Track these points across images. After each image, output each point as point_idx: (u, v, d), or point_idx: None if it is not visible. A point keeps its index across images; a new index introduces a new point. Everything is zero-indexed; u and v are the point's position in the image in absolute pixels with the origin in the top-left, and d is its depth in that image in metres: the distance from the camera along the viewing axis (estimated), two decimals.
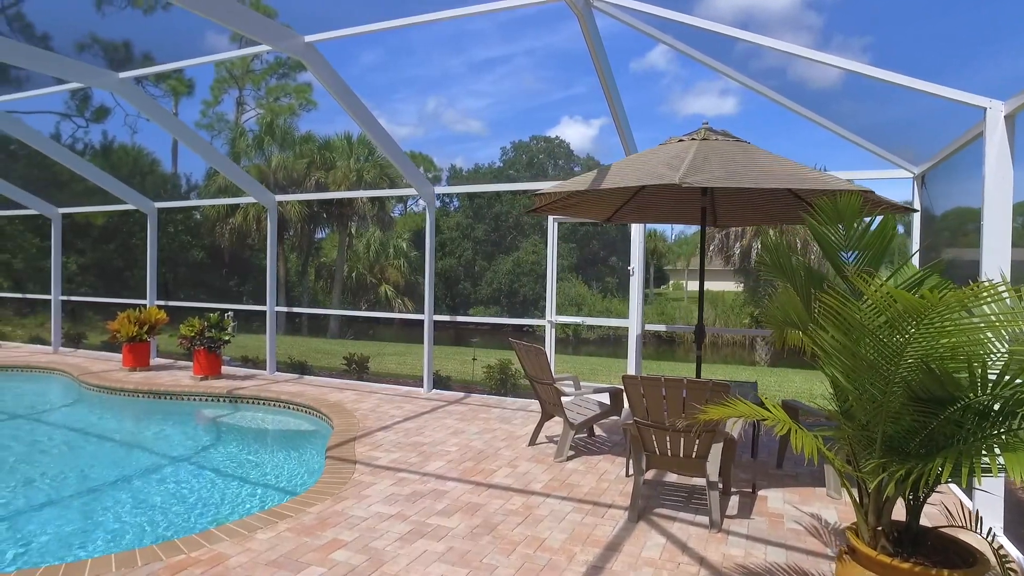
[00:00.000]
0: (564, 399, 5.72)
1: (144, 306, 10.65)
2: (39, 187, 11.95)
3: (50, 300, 11.94)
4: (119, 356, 11.05)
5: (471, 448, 5.78)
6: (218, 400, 8.16)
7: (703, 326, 5.60)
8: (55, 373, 9.96)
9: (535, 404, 7.75)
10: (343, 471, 5.05)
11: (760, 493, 4.78)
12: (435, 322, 8.52)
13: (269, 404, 7.92)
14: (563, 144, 50.73)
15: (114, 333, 9.48)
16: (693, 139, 4.89)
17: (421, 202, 8.24)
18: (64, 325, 12.53)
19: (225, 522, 4.58)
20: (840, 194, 2.83)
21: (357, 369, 9.63)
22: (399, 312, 27.77)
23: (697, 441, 4.14)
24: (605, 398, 6.11)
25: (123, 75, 7.56)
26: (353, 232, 28.38)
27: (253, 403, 8.01)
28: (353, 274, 28.88)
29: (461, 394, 8.33)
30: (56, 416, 8.07)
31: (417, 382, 9.18)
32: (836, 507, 4.50)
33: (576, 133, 64.13)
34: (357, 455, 5.49)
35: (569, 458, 5.56)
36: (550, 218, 7.75)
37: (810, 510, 4.44)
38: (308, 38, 6.30)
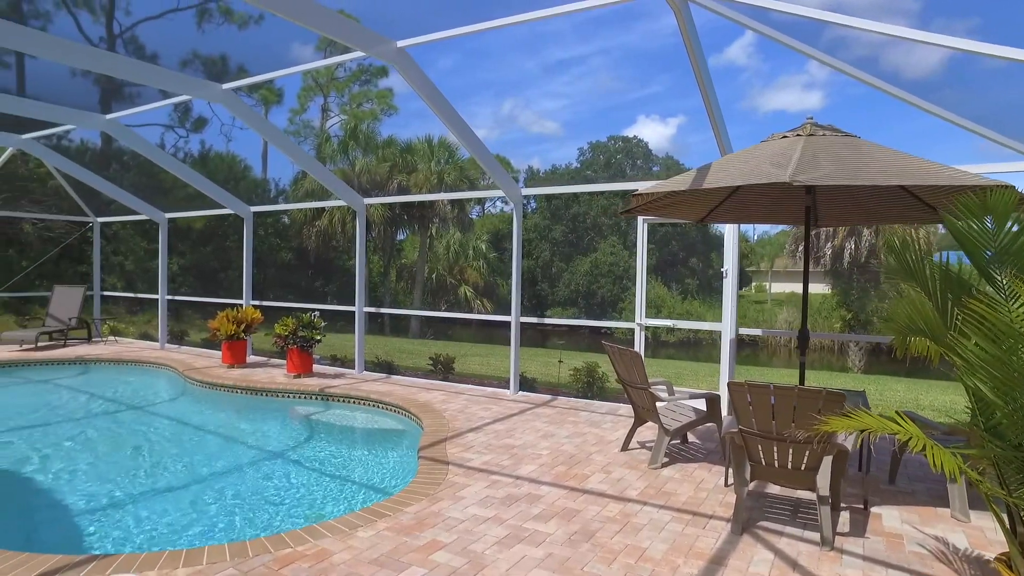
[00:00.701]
0: (658, 404, 5.57)
1: (240, 306, 11.15)
2: (146, 194, 12.72)
3: (157, 299, 12.69)
4: (218, 353, 11.62)
5: (562, 452, 5.71)
6: (311, 398, 8.42)
7: (807, 331, 5.31)
8: (163, 368, 10.56)
9: (624, 408, 7.61)
10: (437, 472, 5.08)
11: (872, 510, 4.49)
12: (520, 324, 8.49)
13: (359, 403, 8.11)
14: (641, 144, 49.92)
15: (214, 331, 9.97)
16: (798, 135, 4.65)
17: (499, 203, 8.22)
18: (168, 323, 13.28)
19: (322, 517, 4.70)
20: (991, 190, 2.59)
21: (443, 369, 9.73)
22: (478, 313, 28.01)
23: (808, 453, 3.91)
24: (700, 404, 5.91)
25: (226, 86, 7.92)
26: (433, 234, 28.84)
27: (344, 401, 8.22)
28: (433, 275, 29.36)
29: (548, 396, 8.27)
30: (165, 409, 8.53)
31: (502, 383, 9.20)
32: (964, 531, 4.16)
33: (653, 132, 63.04)
34: (449, 456, 5.52)
35: (664, 465, 5.40)
36: (639, 219, 7.59)
37: (933, 532, 4.12)
38: (400, 43, 6.40)
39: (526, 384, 8.85)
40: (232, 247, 26.09)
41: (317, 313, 9.68)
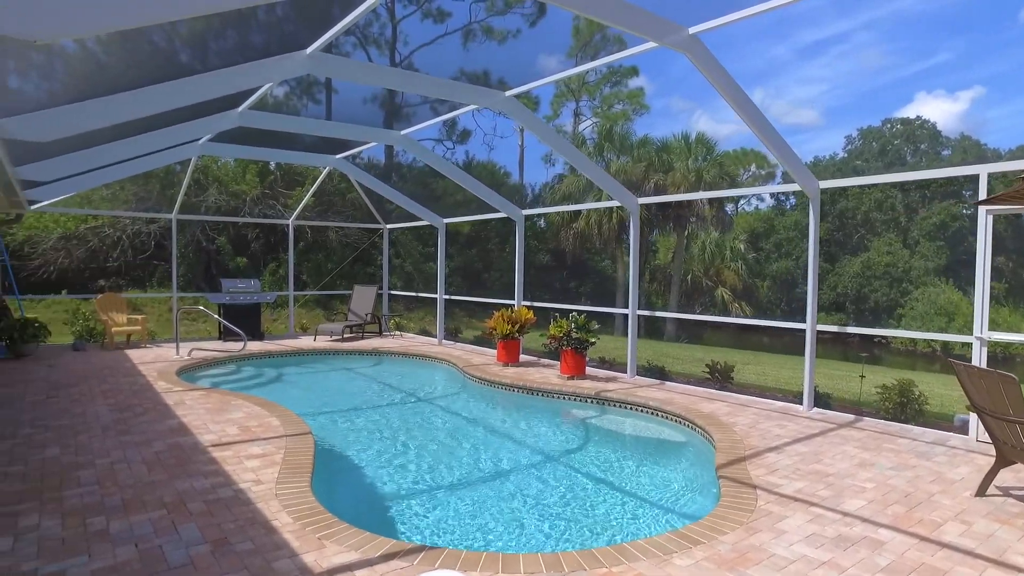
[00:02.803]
0: None
1: (512, 306, 11.61)
2: (421, 202, 13.92)
3: (436, 298, 13.82)
4: (491, 351, 12.26)
5: (892, 488, 4.81)
6: (586, 401, 8.37)
7: None
8: (444, 363, 11.40)
9: (955, 438, 6.32)
10: (744, 496, 4.57)
11: None
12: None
13: (637, 409, 7.85)
14: (926, 125, 42.98)
15: (490, 330, 10.47)
16: None
17: (754, 201, 7.31)
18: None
19: (606, 527, 4.47)
20: None
21: (720, 378, 9.09)
22: (736, 316, 26.38)
23: None
24: None
25: (508, 94, 8.20)
26: (690, 234, 27.85)
27: (620, 407, 8.02)
28: (688, 277, 28.36)
29: (850, 416, 7.22)
30: (449, 403, 9.13)
31: (788, 397, 8.29)
32: None
33: (937, 110, 53.69)
34: (754, 479, 4.96)
35: None
36: (982, 211, 6.22)
37: None
38: (692, 30, 5.98)
39: (819, 400, 7.84)
40: (493, 250, 27.85)
41: (574, 314, 9.68)
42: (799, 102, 56.57)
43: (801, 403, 7.62)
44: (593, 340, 9.14)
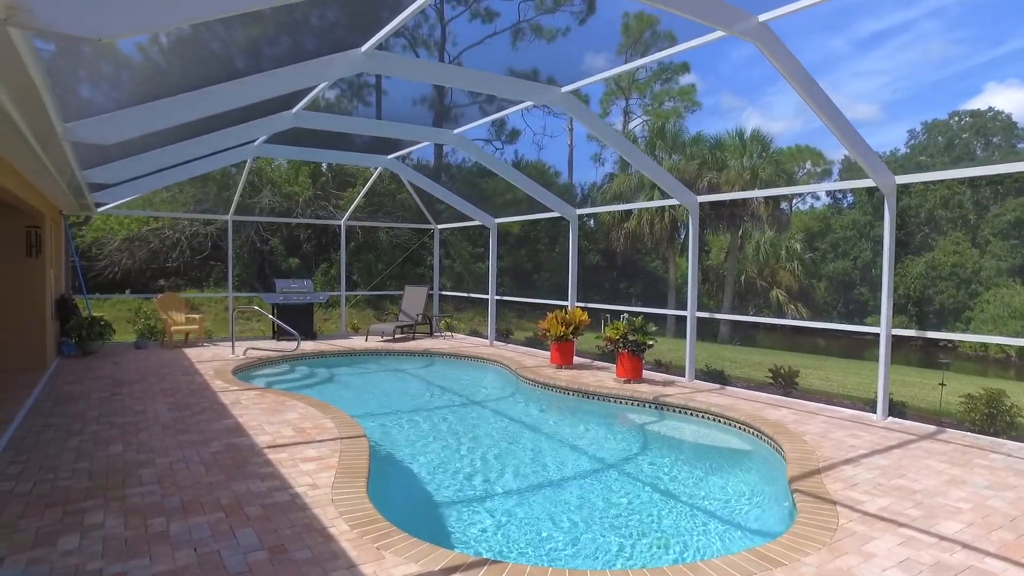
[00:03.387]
0: None
1: (565, 307, 11.39)
2: (471, 202, 13.81)
3: (486, 299, 13.71)
4: (543, 352, 12.06)
5: (992, 509, 4.43)
6: (643, 405, 8.10)
7: None
8: (496, 365, 11.25)
9: None
10: (823, 514, 4.26)
11: None
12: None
13: (697, 415, 7.54)
14: (1000, 116, 40.72)
15: (544, 331, 10.28)
16: None
17: (809, 199, 6.90)
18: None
19: (674, 541, 4.24)
20: None
21: (783, 383, 8.68)
22: (792, 318, 25.54)
23: None
24: None
25: (564, 89, 8.00)
26: (744, 233, 27.11)
27: (680, 412, 7.73)
28: (741, 277, 27.62)
29: (930, 427, 6.76)
30: (502, 405, 8.96)
31: (857, 404, 7.86)
32: None
33: (1010, 101, 50.88)
34: (831, 493, 4.63)
35: None
36: None
37: None
38: (762, 17, 5.67)
39: (894, 408, 7.39)
40: (543, 250, 27.65)
41: (626, 315, 9.40)
42: (857, 96, 54.49)
43: (874, 411, 7.19)
44: (651, 342, 8.86)
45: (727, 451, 6.83)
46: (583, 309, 10.50)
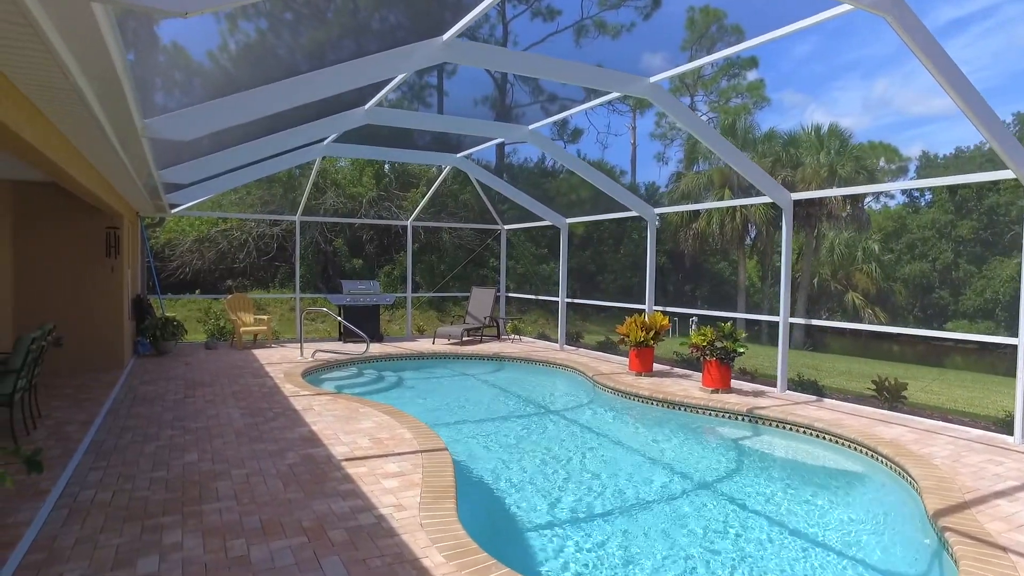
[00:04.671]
0: None
1: (642, 311, 10.84)
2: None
3: (557, 301, 13.24)
4: (618, 358, 11.53)
5: None
6: (736, 418, 7.50)
7: None
8: (570, 371, 10.77)
9: None
10: (994, 562, 3.63)
11: None
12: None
13: (798, 430, 6.90)
14: None
15: (623, 336, 9.76)
16: None
17: (883, 198, 6.13)
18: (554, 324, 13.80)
19: None
20: None
21: (888, 396, 7.93)
22: (871, 324, 24.18)
23: None
24: None
25: (653, 79, 7.49)
26: (819, 234, 25.85)
27: (778, 427, 7.10)
28: (814, 279, 26.34)
29: None
30: (581, 415, 8.47)
31: (979, 423, 7.07)
32: None
33: None
34: (995, 536, 3.98)
35: None
36: None
37: None
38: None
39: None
40: (606, 251, 27.02)
41: (695, 319, 8.79)
42: (931, 89, 51.52)
43: (1008, 433, 6.41)
44: (741, 350, 8.23)
45: (839, 474, 6.18)
46: (663, 313, 9.91)
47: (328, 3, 5.98)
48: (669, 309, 10.80)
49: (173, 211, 12.27)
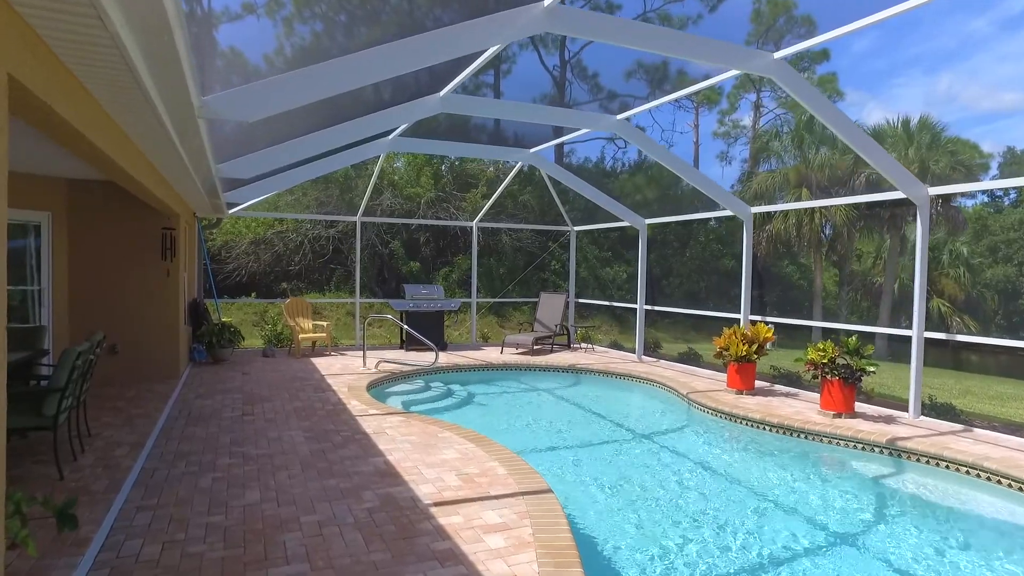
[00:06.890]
0: None
1: (736, 321, 9.76)
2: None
3: (635, 308, 12.22)
4: (704, 371, 10.46)
5: None
6: (872, 450, 6.38)
7: None
8: (656, 386, 9.73)
9: None
10: None
11: None
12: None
13: (959, 470, 5.75)
14: None
15: (721, 350, 8.71)
16: None
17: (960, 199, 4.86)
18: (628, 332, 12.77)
19: None
20: None
21: None
22: (958, 332, 22.28)
23: None
24: None
25: (778, 55, 6.47)
26: (904, 235, 24.07)
27: (929, 463, 5.96)
28: (895, 285, 24.55)
29: None
30: (682, 443, 7.42)
31: None
32: None
33: None
34: None
35: None
36: None
37: None
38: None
39: None
40: (672, 255, 25.76)
41: (771, 325, 7.64)
42: (1002, 83, 47.96)
43: None
44: (872, 369, 7.08)
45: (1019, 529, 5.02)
46: (767, 325, 8.79)
47: (383, 4, 5.78)
48: (770, 319, 9.67)
49: (231, 211, 11.74)
